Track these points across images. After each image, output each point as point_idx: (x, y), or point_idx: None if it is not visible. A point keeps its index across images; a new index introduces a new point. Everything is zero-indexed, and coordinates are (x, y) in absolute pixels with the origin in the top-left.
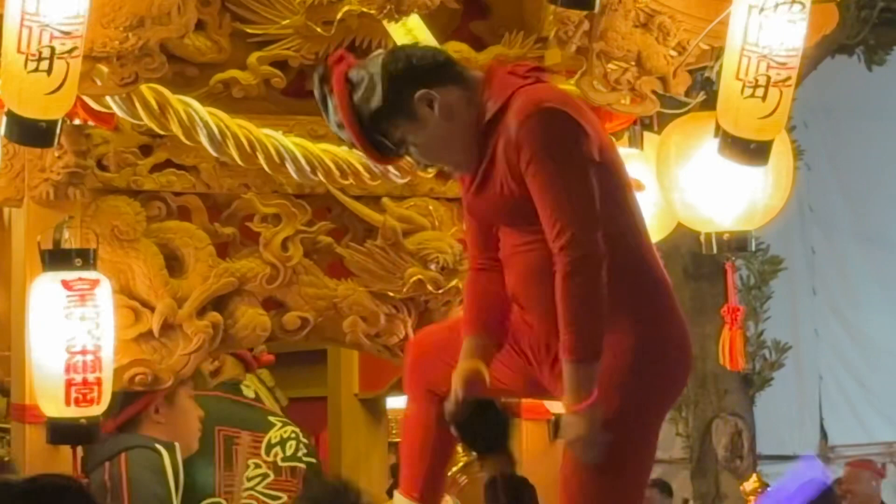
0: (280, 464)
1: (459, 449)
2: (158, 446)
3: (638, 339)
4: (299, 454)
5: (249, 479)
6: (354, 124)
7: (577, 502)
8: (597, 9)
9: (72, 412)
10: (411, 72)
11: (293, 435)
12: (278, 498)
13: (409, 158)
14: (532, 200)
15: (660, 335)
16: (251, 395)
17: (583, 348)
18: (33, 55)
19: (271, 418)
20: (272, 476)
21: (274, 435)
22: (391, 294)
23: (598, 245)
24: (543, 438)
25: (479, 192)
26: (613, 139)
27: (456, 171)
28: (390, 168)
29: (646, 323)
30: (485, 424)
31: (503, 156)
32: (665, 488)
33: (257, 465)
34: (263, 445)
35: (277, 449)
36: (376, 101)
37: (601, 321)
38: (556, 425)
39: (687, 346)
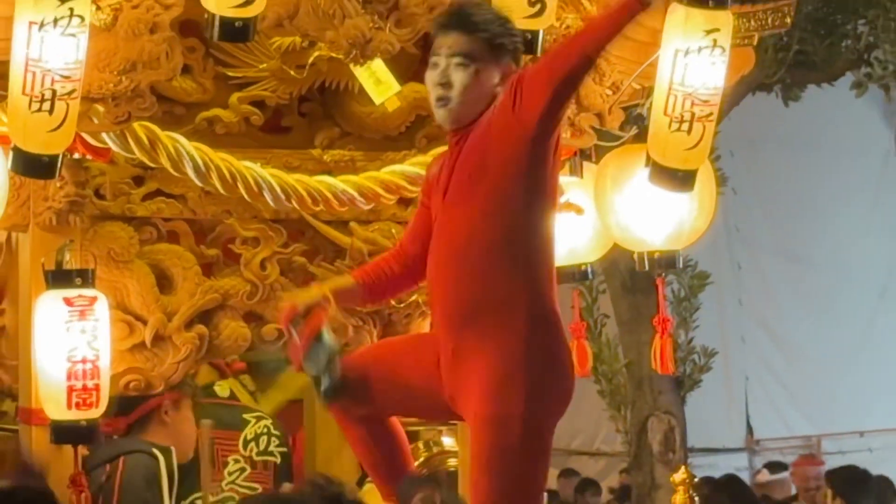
0: (255, 458)
1: (421, 446)
2: (155, 451)
3: (530, 353)
4: (271, 447)
5: (230, 474)
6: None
7: (488, 497)
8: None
9: (73, 415)
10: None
11: (266, 430)
12: (254, 489)
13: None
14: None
15: (551, 353)
16: (226, 393)
17: None
18: (36, 97)
19: (246, 416)
20: (249, 470)
21: (249, 431)
22: (358, 308)
23: None
24: None
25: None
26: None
27: (448, 116)
28: (356, 196)
29: (542, 342)
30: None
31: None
32: None
33: (236, 461)
34: (240, 442)
35: (253, 444)
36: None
37: None
38: None
39: (571, 366)
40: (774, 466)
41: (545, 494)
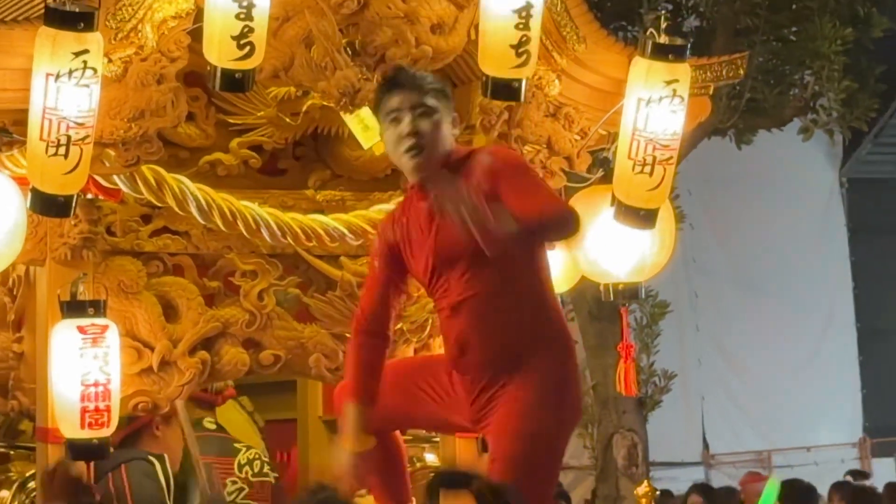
0: (251, 479)
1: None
2: (151, 458)
3: (559, 378)
4: (265, 470)
5: (230, 494)
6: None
7: None
8: (522, 100)
9: (86, 434)
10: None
11: (256, 456)
12: None
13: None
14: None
15: (569, 379)
16: (213, 427)
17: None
18: (53, 142)
19: (235, 445)
20: (247, 489)
21: (242, 457)
22: (348, 335)
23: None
24: (473, 453)
25: (445, 229)
26: None
27: (421, 163)
28: (346, 233)
29: (562, 369)
30: None
31: (477, 188)
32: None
33: (234, 482)
34: (235, 466)
35: (247, 468)
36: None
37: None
38: (483, 442)
39: (580, 391)
40: (857, 474)
41: None
